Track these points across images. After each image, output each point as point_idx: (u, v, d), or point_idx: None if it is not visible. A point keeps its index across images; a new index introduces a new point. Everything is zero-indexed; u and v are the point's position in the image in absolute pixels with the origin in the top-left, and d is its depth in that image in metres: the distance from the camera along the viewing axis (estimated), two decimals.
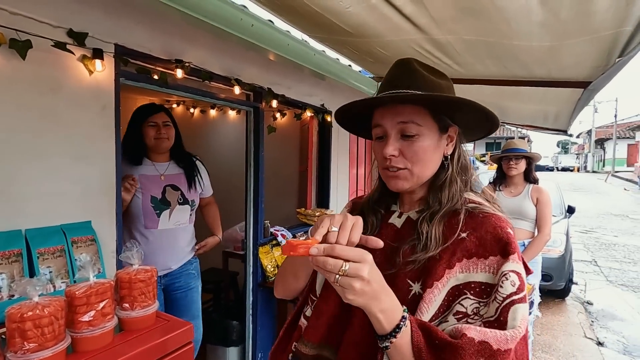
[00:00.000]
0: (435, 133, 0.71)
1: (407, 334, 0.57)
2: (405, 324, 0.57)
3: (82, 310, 0.92)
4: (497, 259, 0.63)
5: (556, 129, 4.07)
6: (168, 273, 1.87)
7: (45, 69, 1.27)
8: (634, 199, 13.26)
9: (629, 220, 9.03)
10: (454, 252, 0.65)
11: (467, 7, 1.23)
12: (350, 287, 0.53)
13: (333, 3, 1.30)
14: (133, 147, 1.80)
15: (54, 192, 1.31)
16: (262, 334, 2.43)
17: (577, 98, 2.27)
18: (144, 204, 1.78)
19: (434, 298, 0.63)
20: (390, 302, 0.57)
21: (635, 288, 4.57)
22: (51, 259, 1.22)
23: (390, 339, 0.56)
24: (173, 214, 1.85)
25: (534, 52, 1.60)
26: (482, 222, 0.67)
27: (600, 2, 1.05)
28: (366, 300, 0.54)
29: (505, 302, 0.59)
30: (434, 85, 0.70)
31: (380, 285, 0.56)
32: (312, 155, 3.11)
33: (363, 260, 0.54)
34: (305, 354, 0.73)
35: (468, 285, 0.63)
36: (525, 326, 0.58)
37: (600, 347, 3.16)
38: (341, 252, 0.54)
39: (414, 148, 0.70)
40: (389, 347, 0.56)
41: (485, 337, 0.56)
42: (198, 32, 1.78)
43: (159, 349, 1.04)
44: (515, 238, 0.66)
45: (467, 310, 0.62)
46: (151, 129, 1.82)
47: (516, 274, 0.61)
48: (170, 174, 1.89)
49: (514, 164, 2.54)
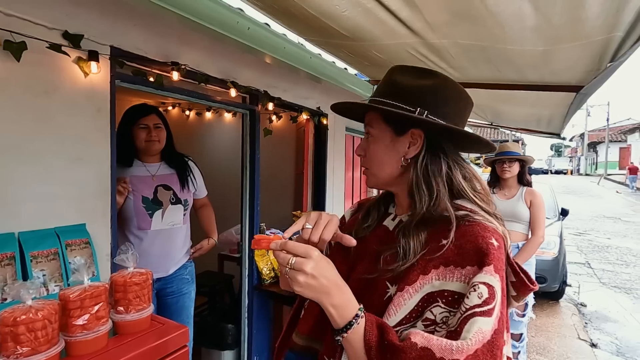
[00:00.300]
0: (388, 135, 0.74)
1: (360, 331, 0.59)
2: (357, 321, 0.59)
3: (76, 314, 0.91)
4: (474, 270, 0.62)
5: (550, 132, 4.11)
6: (162, 277, 1.85)
7: (39, 70, 1.26)
8: (626, 201, 13.42)
9: (622, 223, 9.13)
10: (431, 259, 0.65)
11: (462, 12, 1.24)
12: (295, 280, 0.59)
13: (329, 7, 1.31)
14: (123, 148, 1.77)
15: (48, 195, 1.30)
16: (257, 337, 2.42)
17: (569, 102, 2.30)
18: (135, 204, 1.76)
19: (404, 302, 0.63)
20: (343, 299, 0.60)
21: (627, 290, 4.62)
22: (45, 262, 1.21)
23: (341, 333, 0.60)
24: (166, 214, 1.83)
25: (527, 57, 1.62)
26: (466, 230, 0.66)
27: (591, 8, 1.07)
28: (315, 294, 0.59)
29: (467, 313, 0.58)
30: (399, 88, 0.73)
31: (331, 281, 0.60)
32: (308, 158, 3.11)
33: (307, 256, 0.59)
34: (297, 344, 0.78)
35: (442, 293, 0.62)
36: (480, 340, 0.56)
37: (594, 349, 3.18)
38: (290, 247, 0.60)
39: (368, 149, 0.77)
40: (340, 341, 0.60)
41: (429, 344, 0.56)
42: (194, 35, 1.78)
43: (154, 352, 1.03)
44: (501, 249, 0.64)
45: (435, 319, 0.62)
46: (142, 131, 1.80)
47: (486, 286, 0.59)
48: (162, 174, 1.87)
49: (508, 167, 2.57)
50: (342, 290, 0.61)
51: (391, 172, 0.75)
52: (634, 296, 4.42)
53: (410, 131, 0.73)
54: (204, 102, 2.09)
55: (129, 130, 1.80)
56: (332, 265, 0.62)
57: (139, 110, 1.83)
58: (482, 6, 1.16)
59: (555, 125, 3.58)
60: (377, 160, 0.76)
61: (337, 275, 0.62)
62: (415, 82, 0.72)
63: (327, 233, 0.65)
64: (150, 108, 1.87)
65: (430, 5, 1.22)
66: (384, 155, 0.75)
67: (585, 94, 1.98)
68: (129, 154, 1.80)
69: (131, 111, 1.84)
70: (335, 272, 0.62)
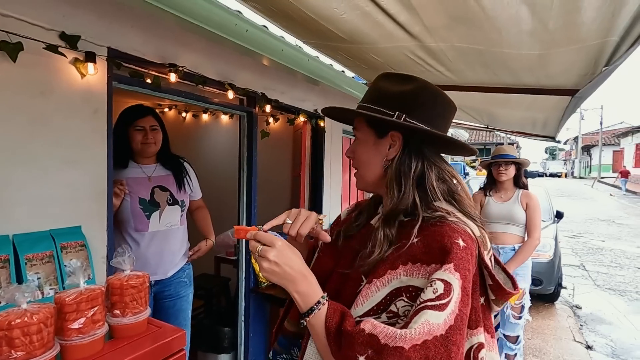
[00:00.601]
0: (371, 138, 0.79)
1: (321, 317, 0.65)
2: (319, 307, 0.66)
3: (72, 317, 0.90)
4: (437, 267, 0.64)
5: (545, 136, 4.15)
6: (160, 280, 1.83)
7: (36, 72, 1.25)
8: (619, 204, 13.55)
9: (615, 225, 9.21)
10: (399, 255, 0.68)
11: (459, 16, 1.25)
12: (260, 265, 0.66)
13: (328, 10, 1.31)
14: (119, 150, 1.74)
15: (43, 197, 1.28)
16: (254, 340, 2.41)
17: (565, 105, 2.32)
18: (132, 206, 1.74)
19: (371, 294, 0.67)
20: (306, 287, 0.67)
21: (622, 292, 4.66)
22: (39, 265, 1.19)
23: (305, 317, 0.66)
24: (163, 215, 1.82)
25: (523, 60, 1.64)
26: (435, 230, 0.68)
27: (587, 13, 1.08)
28: (278, 279, 0.66)
29: (419, 306, 0.61)
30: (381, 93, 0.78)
31: (295, 270, 0.66)
32: (305, 161, 3.11)
33: (271, 245, 0.67)
34: (287, 330, 0.83)
35: (407, 288, 0.66)
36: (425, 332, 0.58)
37: (589, 351, 3.20)
38: (259, 237, 0.68)
39: (354, 150, 0.82)
40: (304, 324, 0.67)
41: (375, 331, 0.60)
42: (192, 37, 1.78)
43: (150, 356, 1.02)
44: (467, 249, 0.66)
45: (398, 311, 0.66)
46: (138, 134, 1.78)
47: (443, 283, 0.61)
48: (158, 176, 1.85)
49: (504, 170, 2.58)
50: (306, 278, 0.67)
51: (375, 172, 0.80)
52: (628, 298, 4.45)
53: (390, 134, 0.77)
54: (201, 104, 2.09)
55: (124, 132, 1.78)
56: (297, 256, 0.68)
57: (135, 112, 1.81)
58: (480, 10, 1.17)
59: (550, 129, 3.61)
60: (363, 162, 0.81)
61: (301, 264, 0.68)
62: (397, 88, 0.77)
63: (304, 228, 0.72)
64: (147, 109, 1.85)
65: (428, 9, 1.23)
66: (368, 157, 0.80)
67: (580, 98, 2.00)
68: (124, 156, 1.78)
69: (127, 112, 1.81)
70: (300, 262, 0.68)
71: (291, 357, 0.83)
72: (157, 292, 1.85)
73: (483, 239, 0.71)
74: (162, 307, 1.88)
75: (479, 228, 0.72)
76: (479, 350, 0.67)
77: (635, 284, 4.93)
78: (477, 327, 0.67)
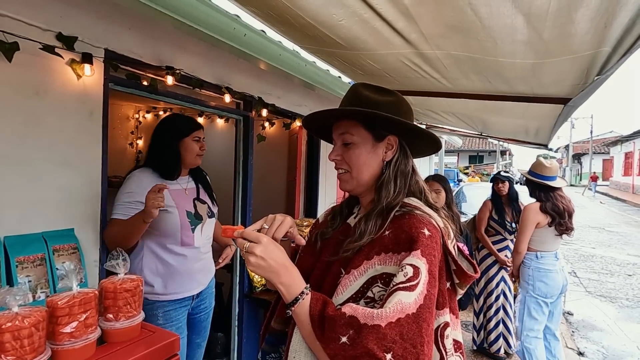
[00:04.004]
0: (369, 142, 0.84)
1: (305, 306, 0.70)
2: (302, 297, 0.71)
3: (64, 321, 0.89)
4: (406, 254, 0.71)
5: (537, 143, 4.20)
6: (199, 293, 1.72)
7: (31, 72, 1.24)
8: (609, 212, 13.75)
9: (606, 233, 9.34)
10: (374, 246, 0.76)
11: (456, 25, 1.27)
12: (248, 260, 0.72)
13: (326, 15, 1.32)
14: (171, 160, 1.64)
15: (35, 199, 1.27)
16: (247, 346, 2.38)
17: (557, 113, 2.36)
18: (181, 219, 1.61)
19: (350, 283, 0.74)
20: (290, 279, 0.73)
21: (612, 299, 4.71)
22: (31, 268, 1.18)
23: (290, 307, 0.72)
24: (205, 228, 1.72)
25: (517, 69, 1.66)
26: (403, 222, 0.76)
27: (580, 24, 1.11)
28: (264, 273, 0.72)
29: (392, 288, 0.68)
30: (371, 102, 0.82)
31: (279, 263, 0.72)
32: (301, 165, 3.11)
33: (257, 242, 0.72)
34: (274, 329, 0.86)
35: (381, 275, 0.73)
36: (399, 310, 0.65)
37: (581, 357, 3.22)
38: (246, 235, 0.74)
39: (349, 154, 0.84)
40: (289, 314, 0.72)
41: (355, 312, 0.66)
42: (190, 40, 1.78)
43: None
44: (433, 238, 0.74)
45: (374, 296, 0.72)
46: (196, 144, 1.69)
47: (412, 267, 0.69)
48: (191, 188, 1.75)
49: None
50: (289, 271, 0.73)
51: (372, 174, 0.85)
52: (619, 305, 4.50)
53: (387, 137, 0.84)
54: (198, 107, 2.08)
55: (177, 142, 1.65)
56: (280, 250, 0.74)
57: (192, 123, 1.72)
58: (476, 19, 1.19)
59: (542, 136, 3.66)
60: (360, 165, 0.84)
61: (285, 258, 0.74)
62: (381, 98, 0.84)
63: (279, 232, 0.78)
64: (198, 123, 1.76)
65: (425, 17, 1.25)
66: (365, 160, 0.84)
67: (572, 106, 2.03)
68: (177, 168, 1.66)
69: (183, 122, 1.70)
70: (283, 255, 0.74)
71: (279, 355, 0.86)
72: (195, 306, 1.73)
73: (447, 230, 0.80)
74: (194, 322, 1.76)
75: (443, 220, 0.81)
76: (445, 328, 0.75)
77: (626, 291, 4.99)
78: (444, 307, 0.75)
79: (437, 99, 2.50)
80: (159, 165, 1.62)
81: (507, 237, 3.07)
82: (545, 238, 2.49)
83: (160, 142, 1.65)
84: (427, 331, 0.66)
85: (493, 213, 3.10)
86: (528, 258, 2.52)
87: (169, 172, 1.63)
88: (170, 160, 1.63)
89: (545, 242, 2.51)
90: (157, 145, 1.65)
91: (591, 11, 1.02)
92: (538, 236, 2.49)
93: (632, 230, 9.82)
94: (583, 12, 1.03)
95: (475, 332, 3.14)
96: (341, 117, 0.86)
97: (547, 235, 2.49)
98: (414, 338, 0.64)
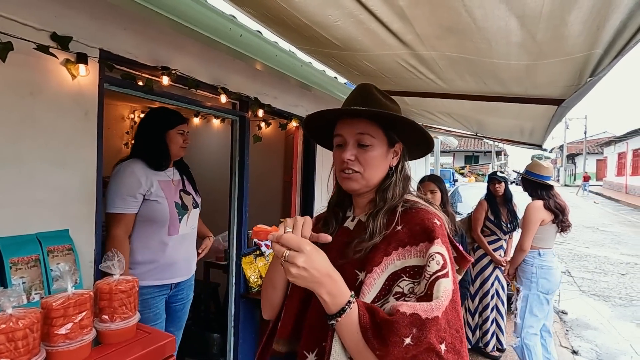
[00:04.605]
0: (385, 146, 0.85)
1: (353, 315, 0.66)
2: (350, 307, 0.66)
3: (58, 323, 0.88)
4: (426, 245, 0.73)
5: (532, 144, 4.24)
6: (178, 283, 1.81)
7: (26, 72, 1.24)
8: (603, 211, 13.88)
9: (599, 232, 9.42)
10: (389, 242, 0.76)
11: (451, 26, 1.28)
12: (288, 271, 0.65)
13: (322, 16, 1.32)
14: (158, 150, 1.73)
15: (30, 199, 1.26)
16: (244, 347, 2.38)
17: (551, 114, 2.38)
18: (170, 210, 1.72)
19: (374, 282, 0.73)
20: (337, 288, 0.67)
21: (606, 298, 4.75)
22: (25, 269, 1.17)
23: (336, 318, 0.66)
24: (190, 218, 1.83)
25: (512, 71, 1.68)
26: (413, 215, 0.78)
27: (574, 26, 1.12)
28: (306, 284, 0.66)
29: (432, 278, 0.69)
30: (387, 107, 0.84)
31: (322, 273, 0.66)
32: (297, 166, 3.11)
33: (299, 250, 0.65)
34: (279, 352, 0.81)
35: (404, 270, 0.73)
36: (448, 297, 0.67)
37: (575, 356, 3.25)
38: (285, 240, 0.66)
39: (366, 156, 0.83)
40: (334, 325, 0.67)
41: (414, 309, 0.65)
42: (186, 40, 1.78)
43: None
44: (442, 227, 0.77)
45: (403, 290, 0.72)
46: (180, 137, 1.78)
47: (440, 255, 0.71)
48: (177, 179, 1.85)
49: None
50: (334, 279, 0.67)
51: (380, 177, 0.85)
52: (612, 304, 4.54)
53: (396, 144, 0.87)
54: (194, 107, 2.08)
55: (162, 134, 1.75)
56: (324, 257, 0.68)
57: (178, 116, 1.81)
58: (471, 21, 1.20)
59: (537, 137, 3.69)
60: (374, 167, 0.83)
61: (329, 266, 0.68)
62: (392, 105, 0.86)
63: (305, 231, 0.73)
64: (183, 116, 1.85)
65: (421, 19, 1.25)
66: (379, 163, 0.84)
67: (566, 107, 2.05)
68: (166, 158, 1.75)
69: (168, 115, 1.80)
70: (327, 263, 0.68)
71: None
72: (171, 295, 1.82)
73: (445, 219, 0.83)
74: (170, 311, 1.86)
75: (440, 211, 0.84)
76: None
77: (619, 290, 5.04)
78: None
79: (432, 100, 2.51)
80: (147, 156, 1.69)
81: (501, 237, 3.09)
82: (546, 235, 2.54)
83: (147, 133, 1.73)
84: (460, 315, 0.69)
85: (489, 213, 3.12)
86: (530, 256, 2.56)
87: (158, 162, 1.70)
88: (159, 151, 1.71)
89: (546, 240, 2.55)
90: (145, 137, 1.73)
91: (584, 13, 1.03)
92: (540, 234, 2.54)
93: (625, 229, 9.92)
94: (576, 14, 1.05)
95: (470, 332, 3.16)
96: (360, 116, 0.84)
97: (548, 233, 2.54)
98: (456, 323, 0.67)
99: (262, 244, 2.49)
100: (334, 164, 0.89)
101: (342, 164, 0.84)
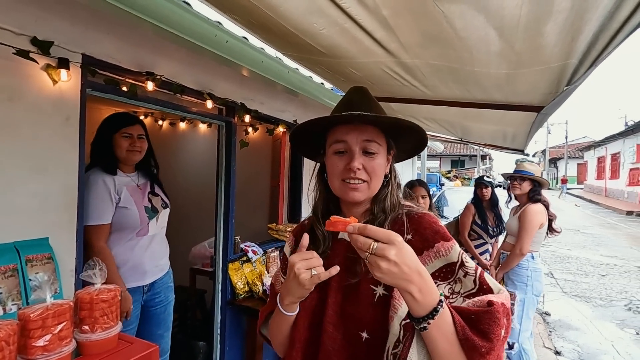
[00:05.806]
0: (385, 153, 0.82)
1: (446, 315, 0.60)
2: (442, 306, 0.60)
3: (36, 334, 0.86)
4: (441, 244, 0.73)
5: (514, 149, 4.34)
6: (151, 285, 1.81)
7: (4, 77, 1.21)
8: (584, 214, 14.26)
9: (581, 235, 9.67)
10: None
11: (433, 35, 1.31)
12: (377, 266, 0.57)
13: (307, 25, 1.34)
14: (106, 155, 1.73)
15: (7, 207, 1.22)
16: (230, 354, 2.35)
17: (531, 121, 2.45)
18: (140, 215, 1.74)
19: None
20: (427, 286, 0.59)
21: (587, 299, 4.87)
22: (2, 279, 1.13)
23: (427, 320, 0.59)
24: (160, 218, 1.86)
25: (493, 79, 1.72)
26: (419, 222, 0.78)
27: (549, 37, 1.16)
28: (395, 280, 0.58)
29: (477, 272, 0.70)
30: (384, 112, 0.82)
31: (412, 269, 0.58)
32: (284, 171, 3.11)
33: (391, 242, 0.57)
34: None
35: (433, 275, 0.70)
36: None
37: (558, 357, 3.32)
38: (371, 232, 0.59)
39: (373, 164, 0.78)
40: (426, 328, 0.59)
41: (502, 299, 0.65)
42: (170, 46, 1.77)
43: None
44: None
45: (445, 293, 0.70)
46: (124, 140, 1.74)
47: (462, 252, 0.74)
48: (143, 183, 1.86)
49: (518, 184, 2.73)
50: (423, 277, 0.59)
51: (379, 184, 0.82)
52: (593, 304, 4.66)
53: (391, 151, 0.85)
54: (180, 112, 2.06)
55: (109, 137, 1.74)
56: (412, 252, 0.61)
57: (123, 119, 1.78)
58: (452, 31, 1.23)
59: (519, 142, 3.78)
60: (379, 176, 0.81)
61: (418, 261, 0.60)
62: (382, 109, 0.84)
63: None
64: (135, 118, 1.84)
65: (403, 28, 1.28)
66: (381, 171, 0.82)
67: (545, 114, 2.11)
68: (113, 162, 1.75)
69: (114, 118, 1.78)
70: (416, 258, 0.60)
71: None
72: (148, 299, 1.82)
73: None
74: (152, 314, 1.85)
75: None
76: None
77: (599, 291, 5.17)
78: None
79: (418, 106, 2.55)
80: (100, 162, 1.71)
81: (488, 240, 3.15)
82: (540, 238, 2.61)
83: (96, 139, 1.76)
84: None
85: (476, 217, 3.18)
86: (525, 259, 2.60)
87: (108, 166, 1.71)
88: (105, 156, 1.73)
89: (539, 243, 2.62)
90: (94, 143, 1.75)
91: (558, 25, 1.07)
92: (536, 237, 2.59)
93: (605, 231, 10.21)
94: (551, 26, 1.09)
95: None
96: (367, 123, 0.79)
97: (541, 236, 2.60)
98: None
99: (248, 250, 2.48)
100: (329, 172, 0.82)
101: (347, 173, 0.77)
